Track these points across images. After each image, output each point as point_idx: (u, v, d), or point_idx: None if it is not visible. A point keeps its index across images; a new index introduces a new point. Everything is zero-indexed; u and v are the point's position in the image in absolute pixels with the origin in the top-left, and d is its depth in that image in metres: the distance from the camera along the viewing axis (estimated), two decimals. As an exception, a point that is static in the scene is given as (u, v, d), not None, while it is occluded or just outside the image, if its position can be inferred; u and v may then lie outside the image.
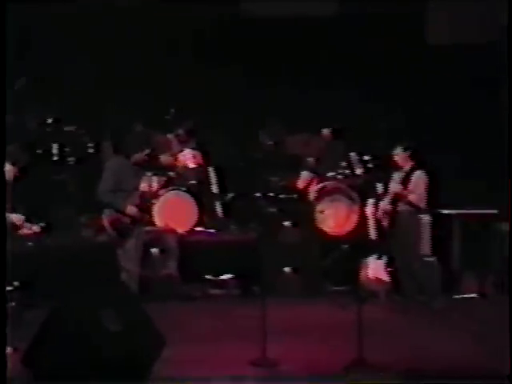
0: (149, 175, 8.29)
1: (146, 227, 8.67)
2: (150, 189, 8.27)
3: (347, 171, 9.58)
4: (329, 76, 10.50)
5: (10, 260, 6.17)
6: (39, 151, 9.28)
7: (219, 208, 9.71)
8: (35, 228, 7.41)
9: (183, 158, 9.71)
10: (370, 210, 8.84)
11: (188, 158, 9.71)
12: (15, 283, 7.18)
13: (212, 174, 9.73)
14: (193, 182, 9.57)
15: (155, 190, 8.41)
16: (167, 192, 9.24)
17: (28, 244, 7.98)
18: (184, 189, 9.40)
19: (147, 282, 8.56)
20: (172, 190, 9.31)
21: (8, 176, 7.17)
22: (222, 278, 9.04)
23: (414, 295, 8.28)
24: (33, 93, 9.96)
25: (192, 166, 9.71)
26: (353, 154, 9.54)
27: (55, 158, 9.35)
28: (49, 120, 9.34)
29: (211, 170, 9.75)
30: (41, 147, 9.29)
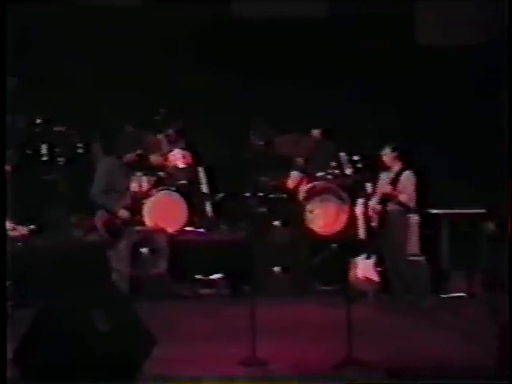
0: (139, 175, 8.30)
1: (137, 227, 8.68)
2: (140, 189, 8.28)
3: (337, 171, 9.61)
4: (319, 76, 10.52)
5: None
6: (29, 151, 9.27)
7: (209, 208, 9.73)
8: (24, 230, 7.41)
9: (173, 158, 9.71)
10: (360, 210, 8.88)
11: (178, 158, 9.71)
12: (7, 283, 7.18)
13: (202, 174, 9.74)
14: (183, 182, 9.58)
15: (146, 190, 8.43)
16: (157, 192, 9.25)
17: (17, 244, 7.98)
18: (174, 189, 9.41)
19: (137, 282, 8.58)
20: (162, 190, 9.32)
21: None
22: (212, 278, 9.06)
23: (403, 295, 8.32)
24: (23, 93, 9.95)
25: (182, 166, 9.71)
26: (342, 154, 9.57)
27: (45, 159, 9.34)
28: (38, 120, 9.33)
29: (201, 170, 9.76)
30: (30, 147, 9.28)
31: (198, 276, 9.05)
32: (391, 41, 10.67)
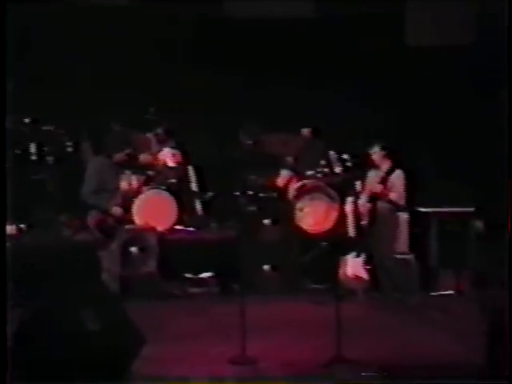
0: (128, 174, 8.29)
1: (126, 226, 8.67)
2: (130, 187, 8.27)
3: (326, 170, 9.63)
4: (308, 76, 10.53)
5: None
6: (17, 151, 9.24)
7: (199, 206, 9.73)
8: (12, 229, 7.39)
9: (162, 157, 9.71)
10: (349, 208, 8.90)
11: (167, 157, 9.71)
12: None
13: (191, 173, 9.74)
14: (172, 181, 9.58)
15: (136, 188, 8.42)
16: (147, 190, 9.25)
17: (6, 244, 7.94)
18: (164, 187, 9.41)
19: (127, 281, 8.57)
20: (152, 189, 9.32)
21: None
22: (202, 277, 9.07)
23: (392, 293, 8.34)
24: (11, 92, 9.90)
25: (171, 165, 9.71)
26: (332, 153, 9.58)
27: (33, 158, 9.32)
28: (26, 119, 9.30)
29: (191, 169, 9.76)
30: (19, 147, 9.25)
31: (188, 275, 9.05)
32: (381, 41, 10.67)
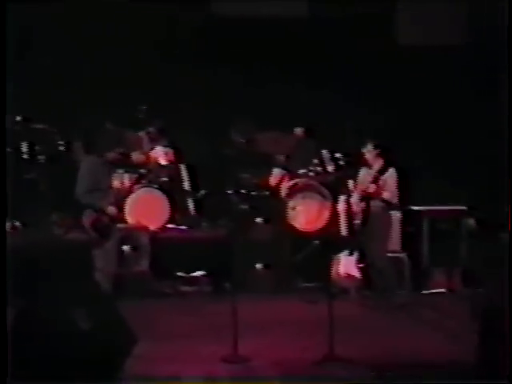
0: (120, 172, 8.28)
1: (118, 225, 8.65)
2: (123, 186, 8.26)
3: (319, 168, 9.63)
4: (300, 75, 10.52)
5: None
6: (9, 150, 9.20)
7: (191, 205, 9.72)
8: (7, 226, 7.37)
9: (155, 156, 9.70)
10: (342, 207, 8.91)
11: (160, 156, 9.70)
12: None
13: (184, 172, 9.73)
14: (165, 180, 9.57)
15: (129, 187, 8.40)
16: (139, 189, 9.23)
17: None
18: (156, 186, 9.40)
19: (120, 280, 8.56)
20: (144, 187, 9.30)
21: None
22: (194, 275, 9.06)
23: (383, 291, 8.35)
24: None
25: (164, 164, 9.70)
26: (324, 152, 9.59)
27: (25, 157, 9.29)
28: (18, 118, 9.27)
29: (183, 168, 9.75)
30: (10, 146, 9.22)
31: (180, 273, 9.05)
32: (372, 40, 10.68)
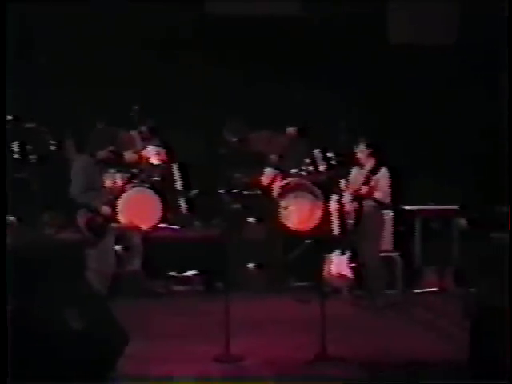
0: (112, 172, 8.23)
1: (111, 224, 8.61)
2: (115, 186, 8.22)
3: (311, 168, 9.63)
4: (293, 74, 10.52)
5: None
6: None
7: (183, 204, 9.71)
8: None
9: (147, 155, 9.69)
10: (334, 206, 8.91)
11: (152, 155, 9.68)
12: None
13: (176, 171, 9.72)
14: (157, 179, 9.56)
15: (121, 186, 8.37)
16: (131, 189, 9.21)
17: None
18: (148, 185, 9.39)
19: (112, 280, 8.53)
20: (136, 187, 9.29)
21: None
22: (186, 275, 9.06)
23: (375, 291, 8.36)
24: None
25: (156, 163, 9.69)
26: (316, 151, 9.59)
27: (16, 156, 9.26)
28: (9, 117, 9.24)
29: (175, 167, 9.74)
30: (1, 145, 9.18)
31: (173, 273, 9.04)
32: (364, 39, 10.69)
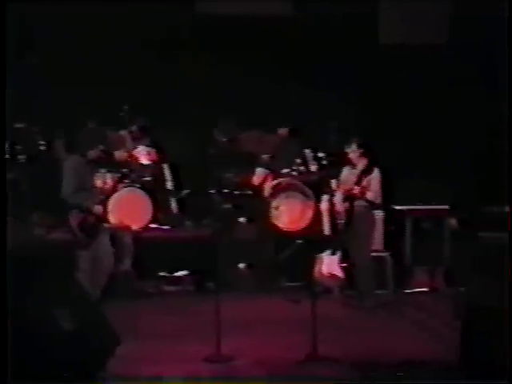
0: (103, 172, 8.22)
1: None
2: (105, 186, 8.21)
3: (302, 168, 9.64)
4: (284, 74, 10.53)
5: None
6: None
7: (174, 204, 9.71)
8: None
9: (137, 155, 9.68)
10: (325, 206, 8.92)
11: (142, 155, 9.68)
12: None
13: (166, 171, 9.72)
14: (147, 179, 9.55)
15: (112, 186, 8.36)
16: (121, 189, 9.20)
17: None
18: (138, 185, 9.37)
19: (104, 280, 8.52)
20: (126, 187, 9.27)
21: None
22: (177, 275, 9.05)
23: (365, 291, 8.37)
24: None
25: (146, 163, 9.68)
26: (307, 151, 9.60)
27: (6, 156, 9.23)
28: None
29: (166, 167, 9.73)
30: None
31: (163, 273, 9.03)
32: (356, 39, 10.70)
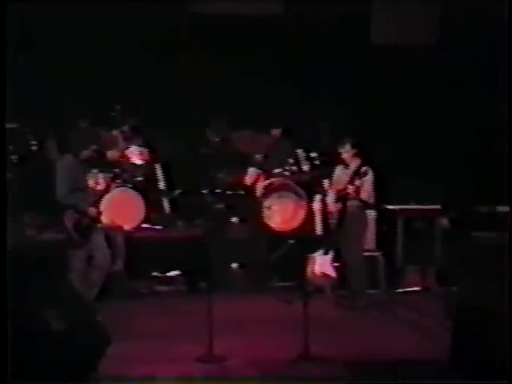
0: (95, 172, 8.21)
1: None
2: (97, 186, 8.20)
3: (294, 168, 9.65)
4: (276, 74, 10.54)
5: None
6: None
7: (166, 204, 9.70)
8: None
9: (130, 155, 9.67)
10: (317, 206, 8.92)
11: (135, 155, 9.67)
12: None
13: (159, 171, 9.71)
14: (139, 179, 9.54)
15: (104, 187, 8.34)
16: (114, 189, 9.19)
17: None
18: (131, 185, 9.37)
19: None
20: (118, 187, 9.26)
21: None
22: (169, 275, 9.05)
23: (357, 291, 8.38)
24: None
25: (139, 163, 9.67)
26: (299, 151, 9.61)
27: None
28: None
29: (158, 167, 9.73)
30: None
31: (155, 273, 9.02)
32: (348, 40, 10.71)
